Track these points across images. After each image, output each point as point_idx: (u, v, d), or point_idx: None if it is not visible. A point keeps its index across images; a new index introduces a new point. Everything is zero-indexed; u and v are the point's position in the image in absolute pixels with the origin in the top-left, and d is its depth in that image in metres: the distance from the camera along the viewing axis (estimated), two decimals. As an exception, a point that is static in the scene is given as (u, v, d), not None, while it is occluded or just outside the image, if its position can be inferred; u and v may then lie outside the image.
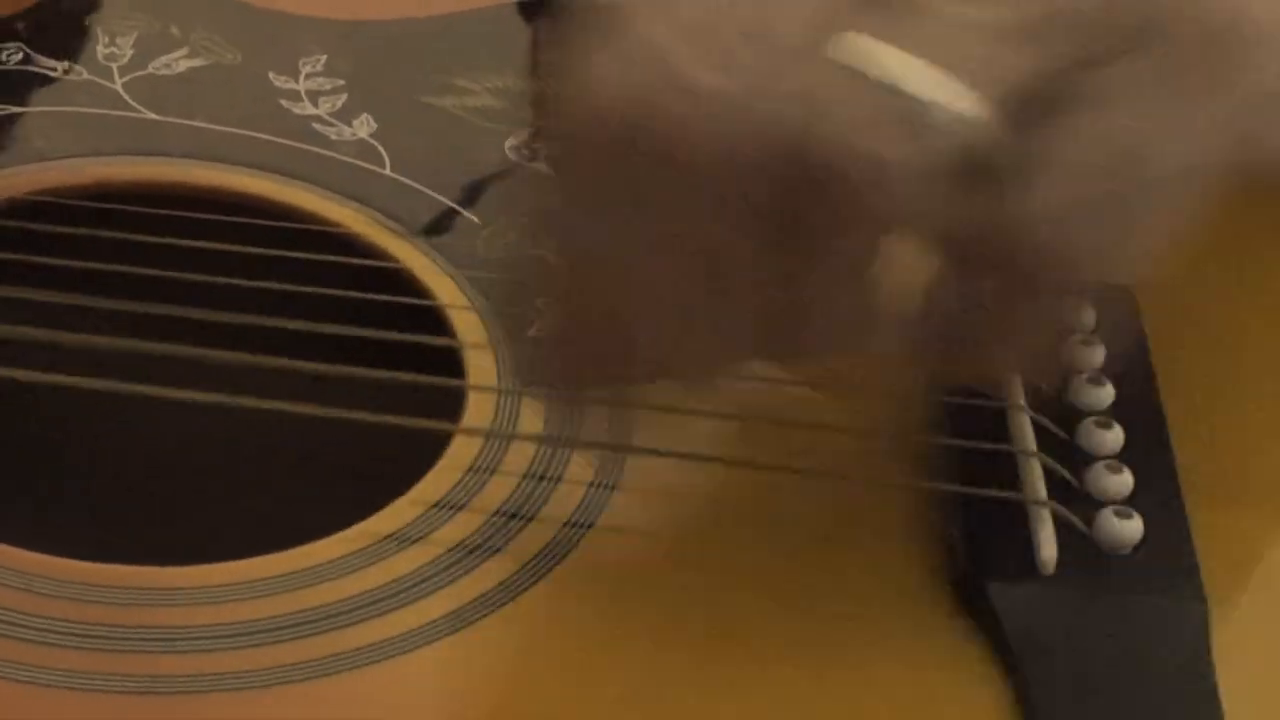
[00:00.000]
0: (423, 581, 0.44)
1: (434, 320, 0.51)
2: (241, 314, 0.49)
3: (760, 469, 0.47)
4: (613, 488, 0.46)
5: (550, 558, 0.45)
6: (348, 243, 0.52)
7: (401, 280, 0.52)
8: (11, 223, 0.51)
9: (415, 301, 0.51)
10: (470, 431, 0.47)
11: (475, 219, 0.53)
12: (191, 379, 0.47)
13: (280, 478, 0.54)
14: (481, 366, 0.49)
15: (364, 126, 0.55)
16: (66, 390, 0.47)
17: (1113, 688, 0.43)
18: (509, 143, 0.55)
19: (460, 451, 0.47)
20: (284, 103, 0.56)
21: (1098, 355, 0.50)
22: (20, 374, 0.47)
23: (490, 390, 0.48)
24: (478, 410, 0.48)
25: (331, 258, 0.52)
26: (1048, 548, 0.45)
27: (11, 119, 0.54)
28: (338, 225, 0.52)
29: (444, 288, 0.51)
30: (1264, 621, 0.46)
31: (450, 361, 0.50)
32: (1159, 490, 0.47)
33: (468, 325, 0.50)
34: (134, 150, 0.54)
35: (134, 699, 0.41)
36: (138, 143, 0.54)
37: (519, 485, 0.46)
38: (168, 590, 0.43)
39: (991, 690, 0.43)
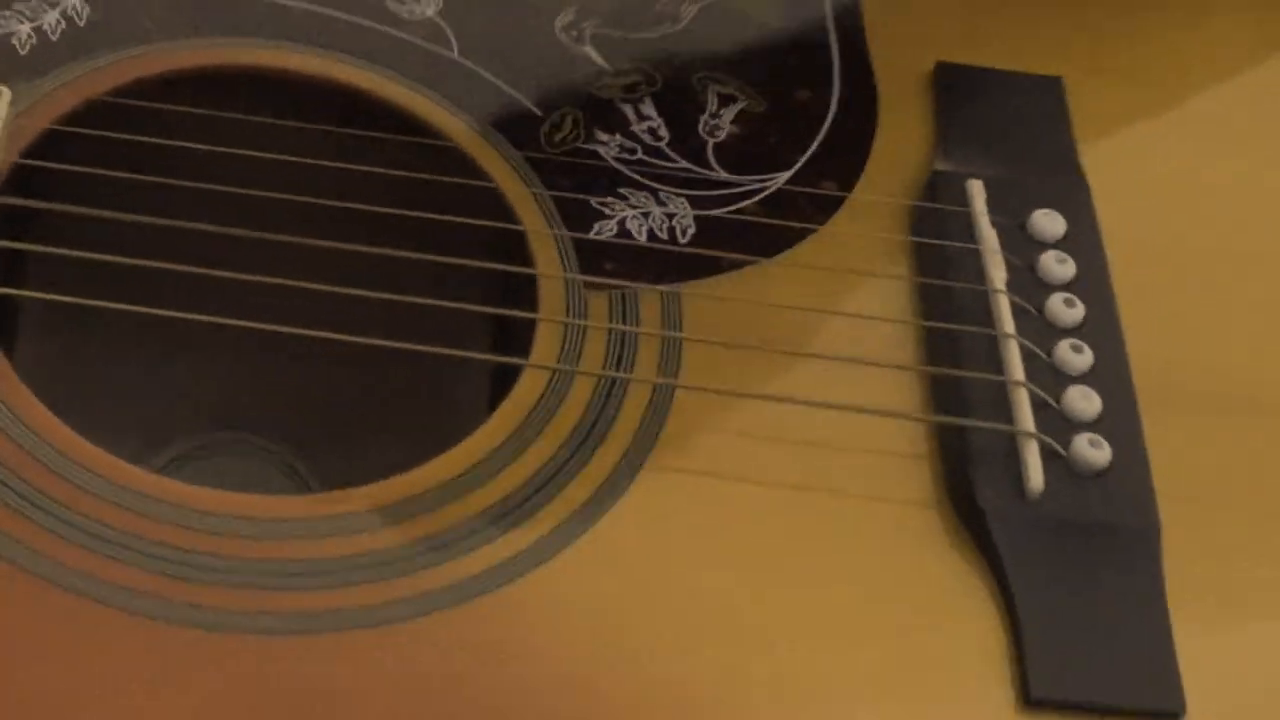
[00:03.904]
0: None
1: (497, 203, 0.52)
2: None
3: (784, 402, 0.50)
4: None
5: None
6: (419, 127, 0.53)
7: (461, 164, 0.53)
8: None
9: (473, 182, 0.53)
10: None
11: (537, 110, 0.54)
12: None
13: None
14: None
15: (431, 6, 0.55)
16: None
17: (1080, 599, 0.47)
18: (558, 21, 0.56)
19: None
20: (360, -20, 0.56)
21: (1070, 269, 0.53)
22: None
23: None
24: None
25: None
26: (1036, 476, 0.48)
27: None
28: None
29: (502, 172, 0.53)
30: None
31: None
32: (1123, 413, 0.50)
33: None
34: (229, 30, 0.54)
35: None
36: (232, 22, 0.54)
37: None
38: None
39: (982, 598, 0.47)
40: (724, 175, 0.54)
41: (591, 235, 0.52)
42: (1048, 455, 0.49)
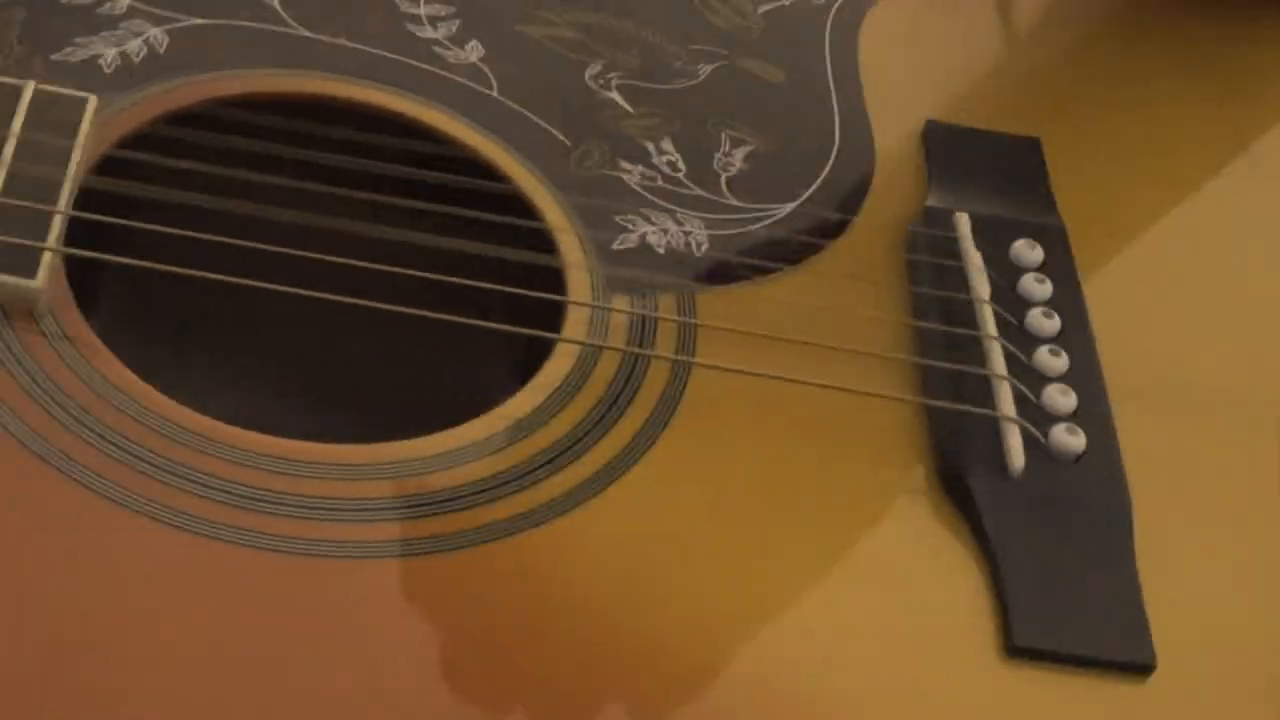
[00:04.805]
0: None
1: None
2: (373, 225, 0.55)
3: (790, 382, 0.54)
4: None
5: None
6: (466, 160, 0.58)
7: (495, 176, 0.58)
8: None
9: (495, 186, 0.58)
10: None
11: (566, 141, 0.59)
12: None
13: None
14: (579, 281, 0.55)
15: (474, 53, 0.60)
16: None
17: (1058, 563, 0.51)
18: (587, 72, 0.61)
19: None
20: (409, 26, 0.61)
21: (1048, 289, 0.57)
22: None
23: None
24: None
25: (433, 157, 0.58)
26: (1017, 457, 0.52)
27: (194, 29, 0.59)
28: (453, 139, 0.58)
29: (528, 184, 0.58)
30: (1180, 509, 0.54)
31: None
32: (1096, 409, 0.55)
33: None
34: (289, 64, 0.59)
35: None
36: (292, 58, 0.59)
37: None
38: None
39: (967, 563, 0.51)
40: (736, 202, 0.59)
41: (614, 246, 0.56)
42: (1029, 441, 0.53)
